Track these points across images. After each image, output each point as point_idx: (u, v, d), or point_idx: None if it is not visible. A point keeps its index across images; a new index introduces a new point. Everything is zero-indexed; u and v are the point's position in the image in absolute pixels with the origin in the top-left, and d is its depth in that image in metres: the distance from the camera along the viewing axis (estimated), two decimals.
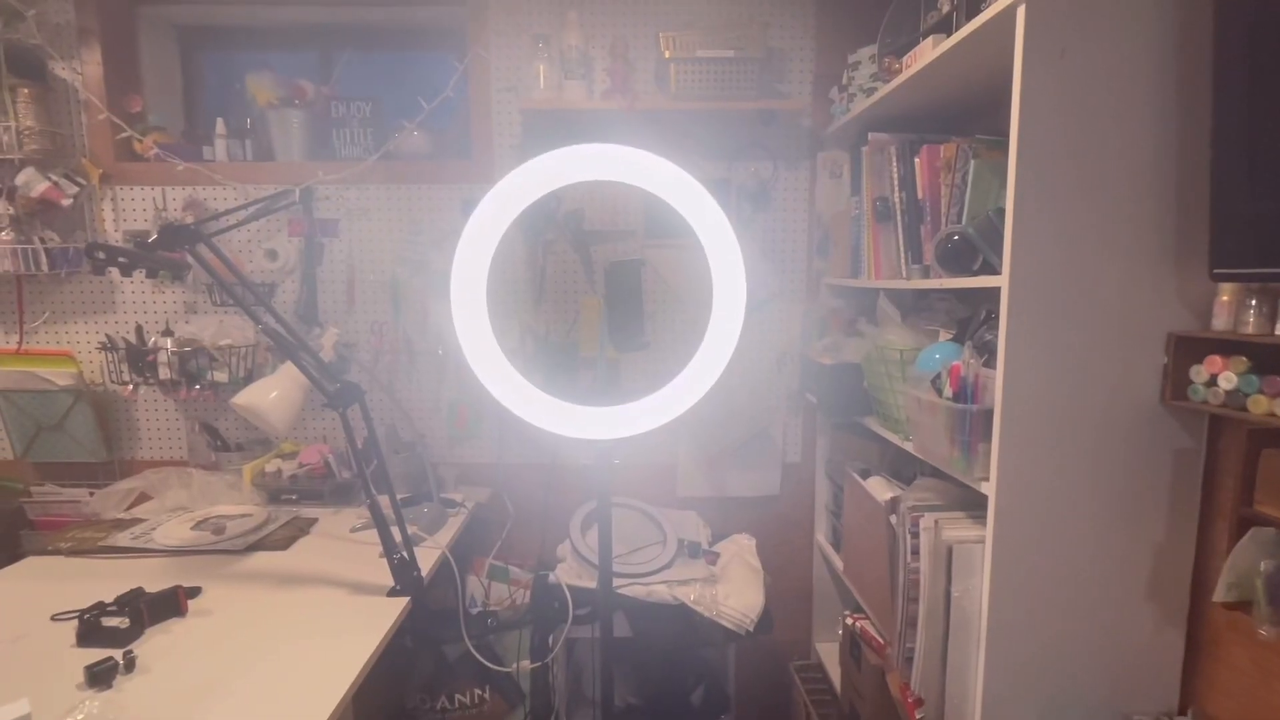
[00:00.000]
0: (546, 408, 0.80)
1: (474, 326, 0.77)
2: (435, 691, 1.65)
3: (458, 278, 0.77)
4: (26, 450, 1.93)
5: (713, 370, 0.77)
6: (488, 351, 0.77)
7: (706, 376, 0.78)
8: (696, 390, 0.79)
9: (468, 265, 0.77)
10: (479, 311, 0.77)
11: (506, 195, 0.82)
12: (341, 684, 1.01)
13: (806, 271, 1.93)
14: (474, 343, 0.78)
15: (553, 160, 0.81)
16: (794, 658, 2.01)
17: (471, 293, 0.76)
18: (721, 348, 0.77)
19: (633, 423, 0.80)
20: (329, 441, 1.94)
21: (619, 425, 0.79)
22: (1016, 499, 1.03)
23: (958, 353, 1.15)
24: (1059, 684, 1.07)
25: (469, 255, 0.77)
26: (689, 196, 0.85)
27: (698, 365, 0.78)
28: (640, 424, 0.79)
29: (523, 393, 0.79)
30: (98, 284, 1.91)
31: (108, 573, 1.37)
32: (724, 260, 0.83)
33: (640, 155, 0.83)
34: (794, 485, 1.99)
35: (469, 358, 0.77)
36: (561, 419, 0.80)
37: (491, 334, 0.77)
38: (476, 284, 0.77)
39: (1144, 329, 1.01)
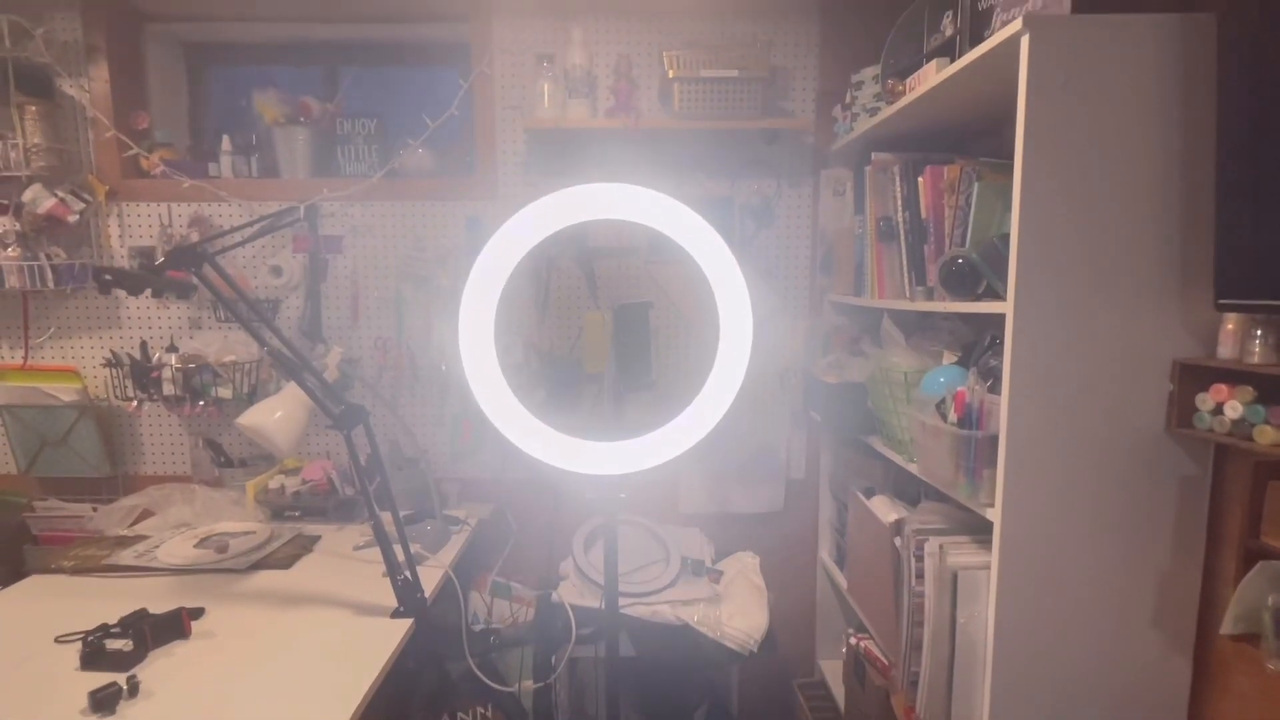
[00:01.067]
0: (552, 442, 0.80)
1: (484, 373, 0.77)
2: (438, 709, 1.64)
3: (465, 324, 0.76)
4: (31, 465, 1.93)
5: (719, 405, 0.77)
6: (496, 392, 0.77)
7: (713, 411, 0.78)
8: (703, 424, 0.79)
9: (474, 313, 0.77)
10: (488, 357, 0.77)
11: (502, 247, 0.82)
12: (346, 710, 1.00)
13: (810, 288, 1.93)
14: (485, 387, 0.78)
15: (552, 202, 0.81)
16: (798, 675, 2.01)
17: (479, 336, 0.76)
18: (727, 382, 0.77)
19: (639, 458, 0.80)
20: (332, 458, 1.94)
21: (626, 461, 0.79)
22: (1022, 525, 1.02)
23: (962, 377, 1.15)
24: (1066, 712, 1.06)
25: (473, 306, 0.77)
26: (691, 230, 0.85)
27: (704, 399, 0.78)
28: (646, 459, 0.79)
29: (529, 427, 0.79)
30: (103, 300, 1.91)
31: (111, 592, 1.37)
32: (730, 297, 0.83)
33: (641, 192, 0.83)
34: (798, 502, 1.99)
35: (477, 398, 0.77)
36: (568, 454, 0.80)
37: (503, 379, 0.77)
38: (484, 328, 0.77)
39: (1149, 356, 1.01)
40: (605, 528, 0.89)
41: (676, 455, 0.78)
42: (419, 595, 1.32)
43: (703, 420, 0.77)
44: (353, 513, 1.83)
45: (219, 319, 1.91)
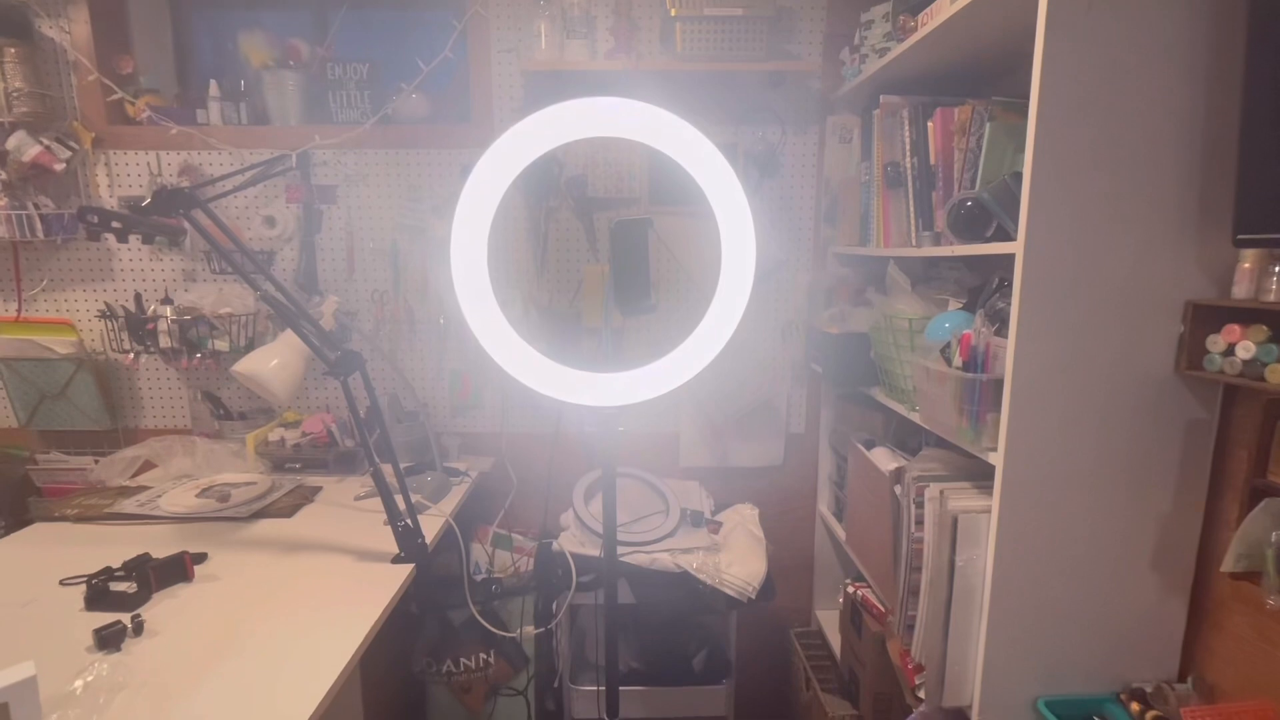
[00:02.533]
0: (550, 374, 0.79)
1: (475, 290, 0.75)
2: (441, 656, 1.68)
3: (458, 237, 0.74)
4: (30, 418, 1.93)
5: (720, 336, 0.75)
6: (489, 317, 0.75)
7: (714, 342, 0.76)
8: (703, 356, 0.77)
9: (468, 225, 0.74)
10: (480, 274, 0.75)
11: (499, 160, 0.78)
12: (348, 648, 1.01)
13: (814, 240, 1.89)
14: (475, 308, 0.75)
15: (557, 113, 0.77)
16: (794, 625, 2.04)
17: (472, 254, 0.74)
18: (729, 312, 0.75)
19: (637, 389, 0.78)
20: (332, 411, 1.94)
21: (623, 392, 0.78)
22: (1024, 469, 1.02)
23: (968, 321, 1.13)
24: (1060, 651, 1.07)
25: (469, 213, 0.74)
26: (696, 154, 0.81)
27: (705, 330, 0.76)
28: (645, 391, 0.77)
29: (526, 359, 0.77)
30: (95, 251, 1.89)
31: (114, 539, 1.38)
32: (733, 220, 0.80)
33: (649, 110, 0.80)
34: (797, 456, 1.99)
35: (470, 322, 0.75)
36: (565, 386, 0.79)
37: (493, 298, 0.75)
38: (477, 245, 0.74)
39: (1161, 297, 0.98)
40: (605, 468, 0.88)
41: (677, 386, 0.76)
42: (420, 541, 1.32)
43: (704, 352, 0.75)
44: (353, 465, 1.83)
45: (213, 271, 1.89)
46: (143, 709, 0.89)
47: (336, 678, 0.95)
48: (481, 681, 1.68)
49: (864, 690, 1.57)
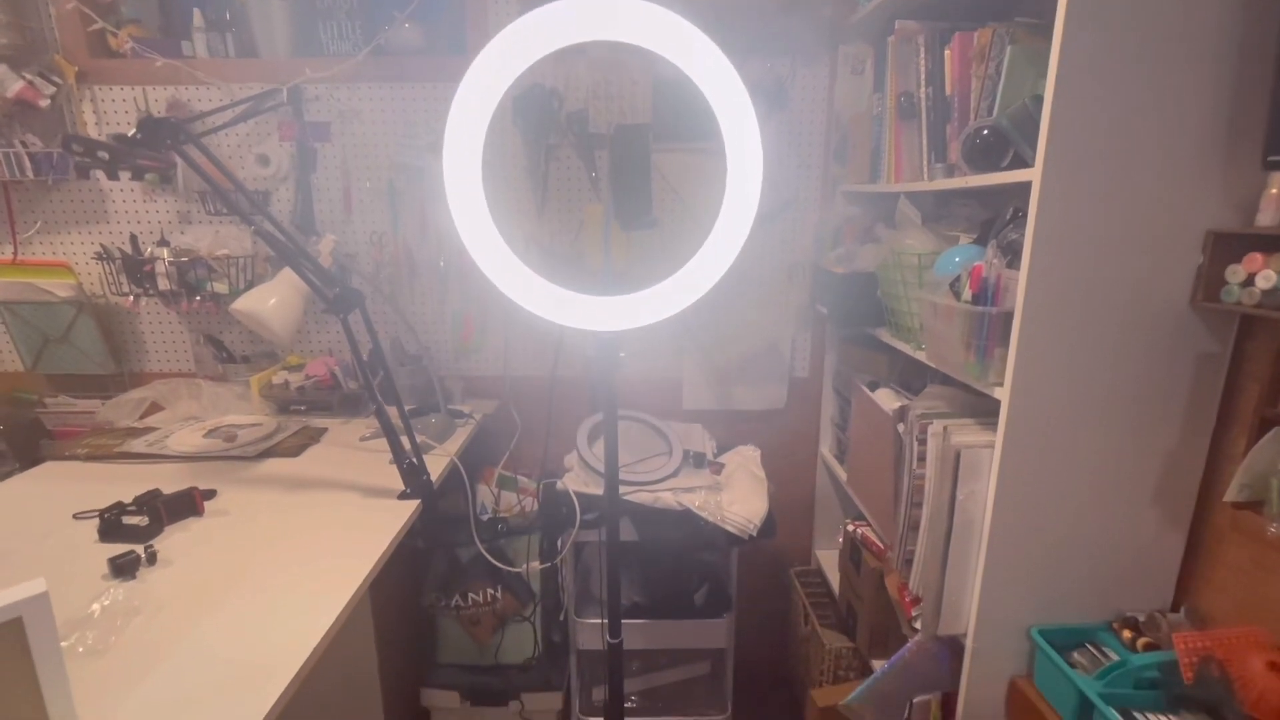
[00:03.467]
0: (548, 296, 0.77)
1: (470, 206, 0.72)
2: (449, 590, 1.72)
3: (451, 146, 0.71)
4: (36, 362, 1.94)
5: (726, 255, 0.73)
6: (486, 235, 0.72)
7: (719, 262, 0.73)
8: (709, 277, 0.74)
9: (463, 131, 0.71)
10: (475, 186, 0.72)
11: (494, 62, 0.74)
12: (357, 577, 1.04)
13: (822, 179, 1.84)
14: (472, 228, 0.73)
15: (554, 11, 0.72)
16: (795, 564, 2.08)
17: (467, 167, 0.70)
18: (737, 228, 0.72)
19: (638, 313, 0.77)
20: (335, 354, 1.94)
21: (624, 316, 0.76)
22: (1030, 403, 1.01)
23: (979, 255, 1.10)
24: (1056, 582, 1.09)
25: (463, 118, 0.70)
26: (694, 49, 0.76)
27: (710, 249, 0.73)
28: (646, 314, 0.76)
29: (525, 281, 0.75)
30: (88, 192, 1.85)
31: (124, 476, 1.40)
32: (738, 126, 0.75)
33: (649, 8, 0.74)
34: (800, 399, 1.99)
35: (464, 238, 0.73)
36: (565, 309, 0.77)
37: (489, 215, 0.72)
38: (472, 155, 0.71)
39: (1181, 227, 0.95)
40: (605, 393, 0.87)
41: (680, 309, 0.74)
42: (425, 478, 1.34)
43: (709, 273, 0.73)
44: (358, 408, 1.84)
45: (209, 212, 1.85)
46: (159, 631, 0.91)
47: (346, 603, 0.97)
48: (489, 615, 1.73)
49: (861, 623, 1.61)
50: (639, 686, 1.86)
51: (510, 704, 1.73)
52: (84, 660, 0.85)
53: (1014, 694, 1.12)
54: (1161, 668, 0.96)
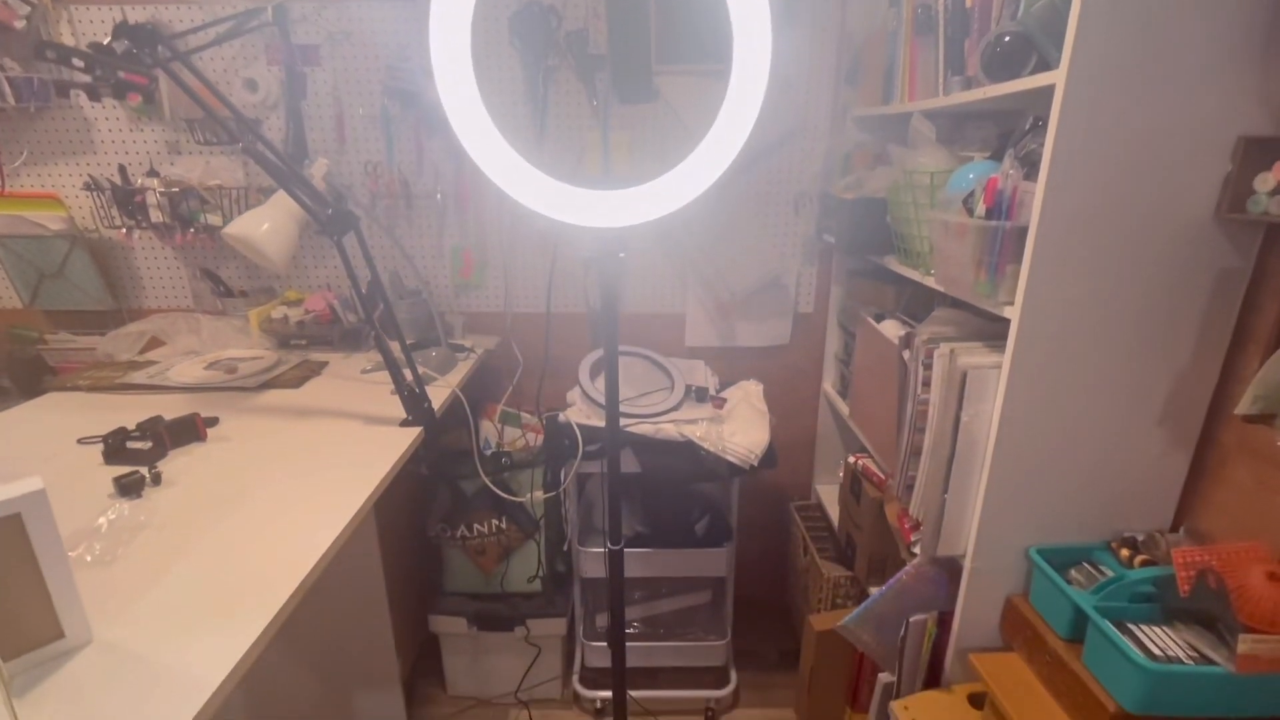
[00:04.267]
0: (546, 191, 0.73)
1: (457, 78, 0.67)
2: (455, 521, 1.75)
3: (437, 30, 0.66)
4: (33, 298, 1.92)
5: (730, 145, 0.69)
6: (477, 119, 0.68)
7: (723, 154, 0.70)
8: (711, 171, 0.71)
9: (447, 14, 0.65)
10: (462, 57, 0.67)
11: None
12: (361, 494, 1.04)
13: (832, 104, 1.76)
14: (460, 105, 0.68)
15: None
16: (794, 498, 2.11)
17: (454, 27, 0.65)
18: (742, 113, 0.68)
19: (640, 206, 0.73)
20: (333, 289, 1.91)
21: (624, 211, 0.73)
22: (1040, 321, 0.98)
23: (995, 170, 1.05)
24: (1057, 503, 1.09)
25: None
26: None
27: (712, 142, 0.70)
28: (650, 208, 0.73)
29: (520, 174, 0.71)
30: (72, 120, 1.79)
31: (126, 406, 1.40)
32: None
33: None
34: (804, 335, 1.97)
35: (453, 120, 0.69)
36: (562, 203, 0.74)
37: (478, 95, 0.68)
38: (460, 21, 0.66)
39: (1212, 132, 0.90)
40: (606, 298, 0.84)
41: (681, 205, 0.71)
42: (426, 405, 1.34)
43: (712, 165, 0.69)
44: (358, 342, 1.83)
45: (198, 141, 1.79)
46: (165, 545, 0.92)
47: (350, 519, 0.98)
48: (494, 545, 1.76)
49: (860, 553, 1.64)
50: (641, 614, 1.90)
51: (516, 629, 1.78)
52: (92, 569, 0.86)
53: (1009, 611, 1.14)
54: (1158, 582, 0.97)
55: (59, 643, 0.69)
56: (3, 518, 0.60)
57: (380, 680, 1.75)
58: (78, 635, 0.71)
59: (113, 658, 0.72)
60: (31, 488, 0.61)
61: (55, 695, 0.67)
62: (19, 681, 0.67)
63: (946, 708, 1.17)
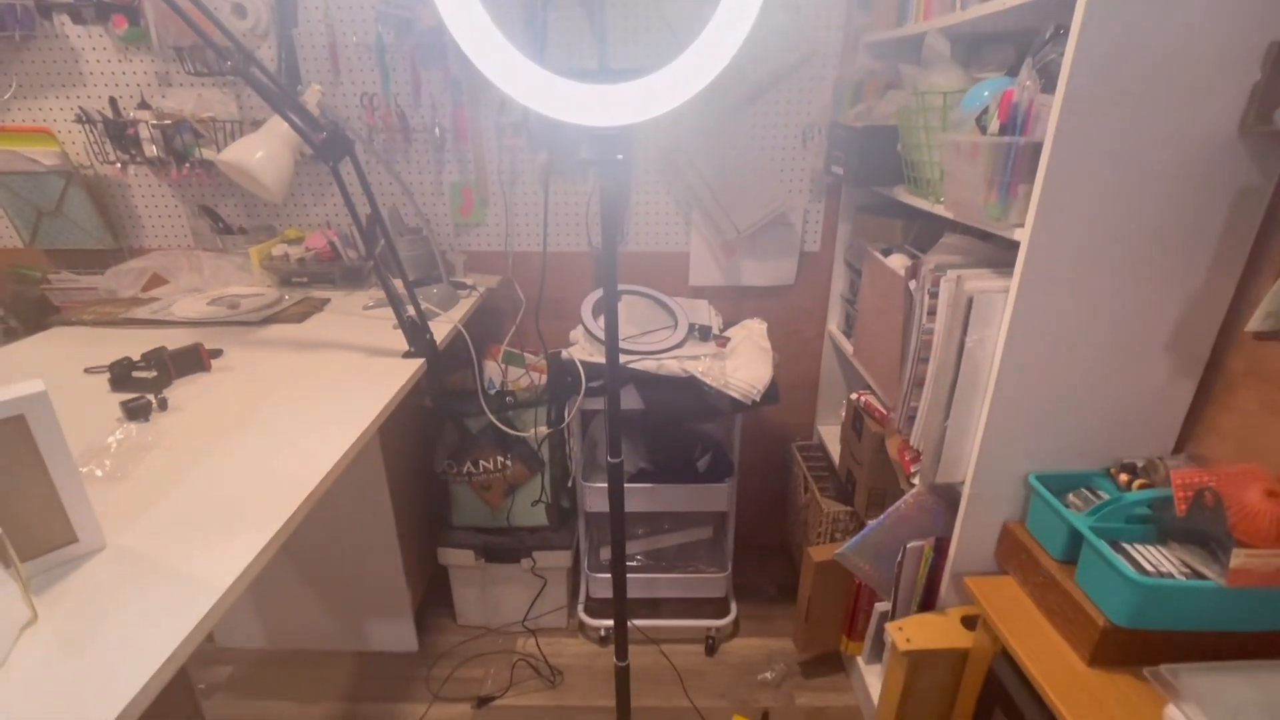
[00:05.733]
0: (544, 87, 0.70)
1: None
2: (461, 458, 1.77)
3: None
4: (34, 237, 1.91)
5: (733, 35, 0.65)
6: (475, 11, 0.65)
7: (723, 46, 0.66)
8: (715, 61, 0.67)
9: None
10: None
11: None
12: (367, 416, 1.05)
13: (844, 28, 1.69)
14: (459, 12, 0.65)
15: None
16: (796, 439, 2.12)
17: None
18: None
19: (638, 105, 0.71)
20: (334, 226, 1.89)
21: (622, 106, 0.70)
22: (1051, 243, 0.96)
23: (1012, 84, 1.01)
24: (1059, 430, 1.09)
25: None
26: None
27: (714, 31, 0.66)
28: (646, 107, 0.70)
29: (519, 70, 0.68)
30: (59, 50, 1.74)
31: (131, 340, 1.41)
32: None
33: None
34: (810, 274, 1.94)
35: (450, 19, 0.65)
36: (556, 100, 0.71)
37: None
38: None
39: (1242, 40, 0.86)
40: (605, 190, 0.81)
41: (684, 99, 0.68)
42: (429, 337, 1.33)
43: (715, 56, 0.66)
44: (360, 280, 1.82)
45: (189, 73, 1.74)
46: (174, 464, 0.94)
47: (355, 439, 0.99)
48: (500, 481, 1.79)
49: (860, 487, 1.66)
50: (644, 548, 1.95)
51: (522, 561, 1.83)
52: (102, 484, 0.88)
53: (1006, 536, 1.15)
54: (1155, 503, 0.98)
55: (73, 546, 0.71)
56: (7, 418, 0.61)
57: (392, 610, 1.81)
58: (91, 540, 0.72)
59: (127, 561, 0.74)
60: (33, 389, 0.62)
61: (72, 595, 0.69)
62: (36, 582, 0.70)
63: (940, 629, 1.20)
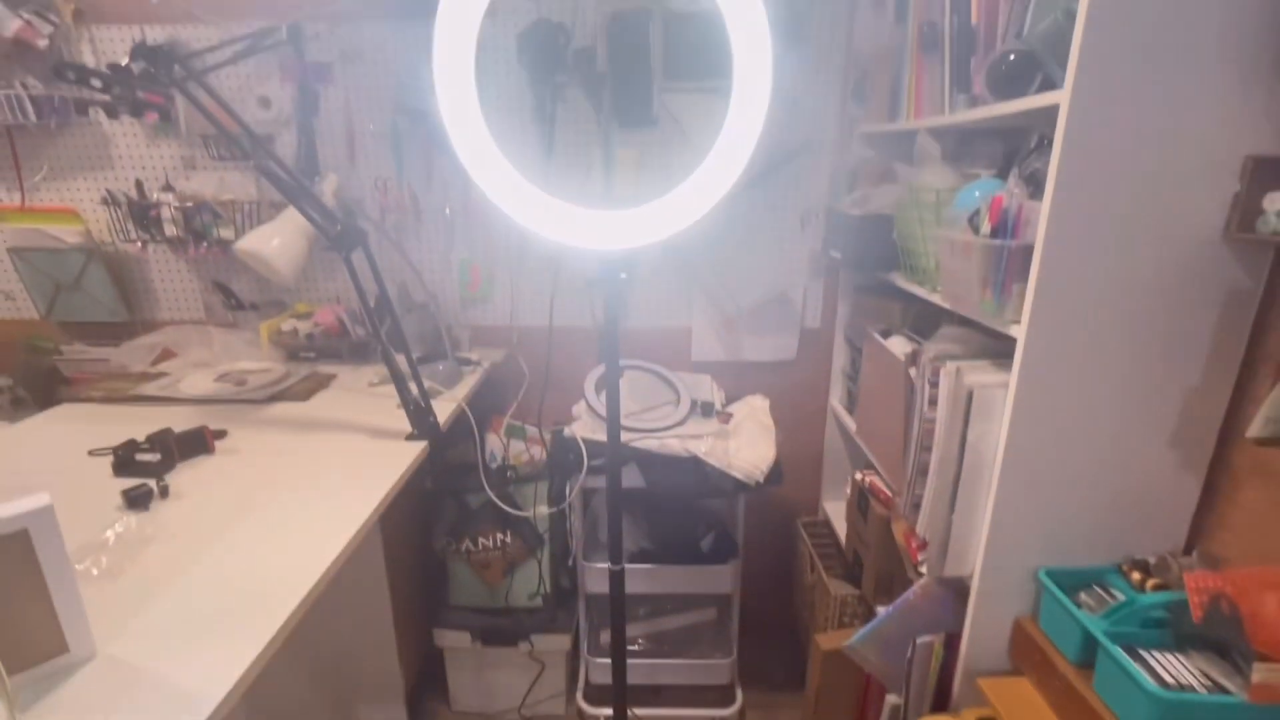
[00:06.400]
0: (547, 211, 0.74)
1: (460, 98, 0.67)
2: (460, 535, 1.75)
3: (442, 50, 0.67)
4: (50, 309, 1.96)
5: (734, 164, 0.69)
6: (479, 138, 0.69)
7: (725, 174, 0.70)
8: (714, 190, 0.71)
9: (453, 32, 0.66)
10: (465, 79, 0.68)
11: None
12: (366, 508, 1.05)
13: (839, 120, 1.77)
14: (462, 125, 0.69)
15: None
16: (801, 515, 2.09)
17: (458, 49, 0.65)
18: (745, 134, 0.69)
19: (644, 229, 0.74)
20: (343, 302, 1.93)
21: (626, 232, 0.73)
22: (1047, 340, 0.98)
23: (1000, 188, 1.05)
24: (1066, 524, 1.07)
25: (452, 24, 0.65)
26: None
27: (714, 161, 0.70)
28: (652, 230, 0.73)
29: (521, 194, 0.72)
30: (91, 136, 1.83)
31: (138, 418, 1.41)
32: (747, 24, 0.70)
33: None
34: (811, 350, 1.96)
35: (456, 144, 0.69)
36: (565, 224, 0.74)
37: (481, 115, 0.69)
38: (465, 41, 0.67)
39: (1219, 152, 0.90)
40: (608, 319, 0.85)
41: (685, 226, 0.71)
42: (431, 419, 1.34)
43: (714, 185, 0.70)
44: (367, 355, 1.84)
45: (213, 157, 1.83)
46: (171, 558, 0.93)
47: (355, 533, 0.98)
48: (499, 559, 1.76)
49: (867, 571, 1.62)
50: (645, 630, 1.89)
51: (520, 644, 1.77)
52: (98, 583, 0.87)
53: (1018, 634, 1.12)
54: (1170, 607, 0.95)
55: (63, 657, 0.70)
56: (10, 534, 0.61)
57: (384, 694, 1.75)
58: (82, 650, 0.71)
59: (117, 672, 0.72)
60: (39, 504, 0.62)
61: (59, 710, 0.67)
62: (24, 695, 0.68)
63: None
